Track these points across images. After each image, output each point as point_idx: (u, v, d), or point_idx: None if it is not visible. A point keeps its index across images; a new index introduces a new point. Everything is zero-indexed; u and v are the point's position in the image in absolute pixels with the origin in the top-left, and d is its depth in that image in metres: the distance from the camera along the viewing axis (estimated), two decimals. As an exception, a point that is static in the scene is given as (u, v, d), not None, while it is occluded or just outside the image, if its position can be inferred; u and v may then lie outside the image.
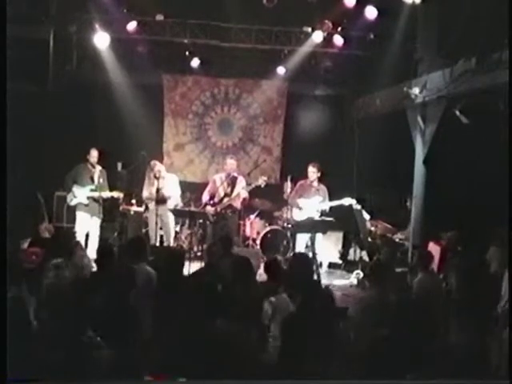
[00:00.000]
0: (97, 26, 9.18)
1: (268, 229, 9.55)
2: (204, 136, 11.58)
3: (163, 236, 8.76)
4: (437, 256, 6.59)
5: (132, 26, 9.43)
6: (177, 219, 9.07)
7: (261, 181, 8.40)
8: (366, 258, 8.55)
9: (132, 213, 9.41)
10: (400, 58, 8.83)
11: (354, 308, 5.07)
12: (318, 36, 9.55)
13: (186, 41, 9.91)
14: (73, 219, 8.68)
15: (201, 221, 8.87)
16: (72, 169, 8.58)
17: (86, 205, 8.41)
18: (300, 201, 8.56)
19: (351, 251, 9.21)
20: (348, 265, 9.20)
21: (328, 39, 9.69)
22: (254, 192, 8.74)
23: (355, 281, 8.27)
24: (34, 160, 9.17)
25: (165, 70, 11.19)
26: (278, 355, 3.35)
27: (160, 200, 8.35)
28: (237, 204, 8.53)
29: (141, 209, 9.29)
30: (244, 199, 8.56)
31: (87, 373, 3.05)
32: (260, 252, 8.77)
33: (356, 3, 8.64)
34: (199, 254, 8.78)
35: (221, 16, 9.54)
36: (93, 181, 8.45)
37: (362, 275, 8.08)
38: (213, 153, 11.56)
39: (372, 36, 9.54)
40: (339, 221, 8.06)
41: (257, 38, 9.89)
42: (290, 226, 8.95)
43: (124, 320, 3.75)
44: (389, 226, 8.70)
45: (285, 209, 9.25)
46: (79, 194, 8.42)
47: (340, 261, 9.46)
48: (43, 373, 3.04)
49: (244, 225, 9.87)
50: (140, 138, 10.30)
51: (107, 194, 8.46)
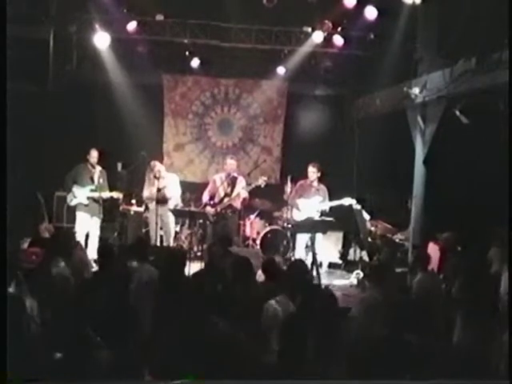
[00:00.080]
0: (97, 26, 9.18)
1: (268, 229, 9.56)
2: (204, 136, 11.58)
3: (163, 236, 8.77)
4: (437, 256, 6.59)
5: (132, 26, 9.44)
6: (177, 219, 9.07)
7: (261, 181, 8.41)
8: (366, 258, 8.55)
9: (132, 213, 9.44)
10: (400, 58, 8.83)
11: (354, 308, 5.06)
12: (318, 36, 9.55)
13: (186, 41, 9.91)
14: (73, 219, 8.69)
15: (201, 221, 8.88)
16: (72, 169, 8.59)
17: (86, 205, 8.42)
18: (300, 201, 8.55)
19: (351, 251, 9.21)
20: (348, 265, 9.22)
21: (328, 39, 9.69)
22: (254, 192, 8.74)
23: (355, 281, 8.27)
24: (34, 160, 9.18)
25: (165, 70, 11.19)
26: (278, 355, 3.35)
27: (160, 200, 8.36)
28: (237, 204, 8.53)
29: (141, 209, 9.31)
30: (244, 199, 8.56)
31: (87, 373, 3.05)
32: (260, 252, 8.76)
33: (356, 3, 8.65)
34: (199, 254, 8.79)
35: (221, 16, 9.55)
36: (93, 181, 8.46)
37: (362, 275, 8.09)
38: (213, 153, 11.56)
39: (372, 36, 9.54)
40: (339, 221, 8.05)
41: (257, 38, 9.88)
42: (290, 226, 8.94)
43: (124, 320, 3.75)
44: (389, 226, 8.71)
45: (285, 209, 9.24)
46: (79, 195, 8.42)
47: (340, 261, 9.47)
48: (43, 373, 3.04)
49: (244, 225, 9.88)
50: (140, 138, 10.31)
51: (107, 195, 8.47)
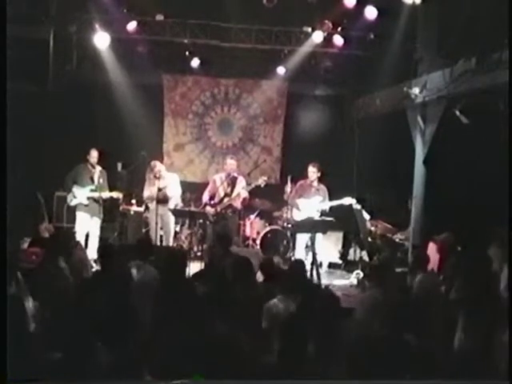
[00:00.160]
0: (97, 26, 9.18)
1: (268, 229, 9.57)
2: (204, 136, 11.58)
3: (163, 236, 8.77)
4: (436, 256, 6.59)
5: (132, 26, 9.43)
6: (177, 219, 9.07)
7: (261, 181, 8.40)
8: (366, 258, 8.55)
9: (132, 213, 9.44)
10: (400, 58, 8.83)
11: (355, 308, 5.06)
12: (318, 36, 9.55)
13: (186, 41, 9.91)
14: (73, 219, 8.69)
15: (201, 221, 8.87)
16: (72, 169, 8.59)
17: (86, 205, 8.42)
18: (300, 201, 8.54)
19: (351, 251, 9.21)
20: (348, 265, 9.22)
21: (328, 39, 9.68)
22: (254, 192, 8.74)
23: (355, 281, 8.28)
24: (34, 160, 9.18)
25: (165, 70, 11.19)
26: (278, 355, 3.35)
27: (161, 200, 8.37)
28: (237, 204, 8.52)
29: (141, 209, 9.32)
30: (244, 199, 8.55)
31: (87, 373, 3.04)
32: (260, 252, 8.77)
33: (356, 3, 8.64)
34: (199, 254, 8.79)
35: (221, 16, 9.54)
36: (93, 181, 8.46)
37: (362, 275, 8.10)
38: (213, 153, 11.56)
39: (372, 36, 9.53)
40: (339, 221, 8.04)
41: (257, 38, 9.88)
42: (290, 226, 8.94)
43: (124, 320, 3.75)
44: (389, 226, 8.71)
45: (285, 209, 9.24)
46: (79, 195, 8.42)
47: (340, 261, 9.47)
48: (43, 373, 3.04)
49: (244, 225, 9.88)
50: (140, 138, 10.32)
51: (107, 195, 8.47)
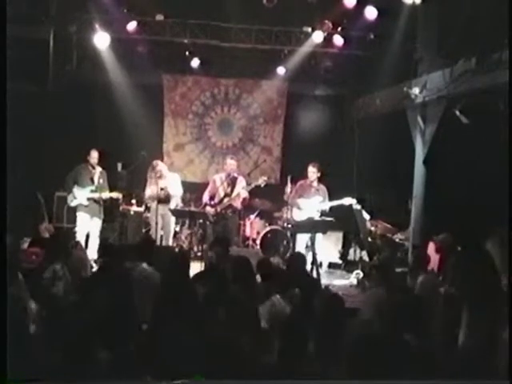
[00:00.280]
0: (97, 26, 9.18)
1: (268, 229, 9.56)
2: (204, 136, 11.58)
3: (163, 236, 8.77)
4: (437, 256, 6.59)
5: (132, 26, 9.44)
6: (177, 219, 9.07)
7: (261, 181, 8.40)
8: (366, 258, 8.55)
9: (132, 213, 9.44)
10: (400, 58, 8.82)
11: (355, 308, 5.06)
12: (318, 36, 9.55)
13: (186, 41, 9.91)
14: (73, 219, 8.70)
15: (201, 221, 8.88)
16: (72, 169, 8.59)
17: (86, 206, 8.42)
18: (300, 201, 8.54)
19: (351, 251, 9.22)
20: (348, 265, 9.23)
21: (328, 39, 9.68)
22: (254, 192, 8.74)
23: (355, 281, 8.28)
24: (34, 160, 9.18)
25: (165, 70, 11.19)
26: (278, 355, 3.35)
27: (162, 199, 8.37)
28: (237, 204, 8.52)
29: (141, 209, 9.32)
30: (244, 199, 8.55)
31: (87, 373, 3.04)
32: (260, 252, 8.76)
33: (356, 3, 8.64)
34: (199, 254, 8.78)
35: (221, 16, 9.54)
36: (93, 182, 8.46)
37: (362, 275, 8.10)
38: (213, 153, 11.55)
39: (372, 36, 9.53)
40: (339, 221, 8.05)
41: (257, 38, 9.88)
42: (290, 226, 8.92)
43: (124, 320, 3.75)
44: (389, 226, 8.71)
45: (285, 209, 9.23)
46: (79, 195, 8.42)
47: (340, 261, 9.48)
48: (43, 373, 3.04)
49: (244, 225, 9.88)
50: (140, 138, 10.31)
51: (107, 195, 8.47)
